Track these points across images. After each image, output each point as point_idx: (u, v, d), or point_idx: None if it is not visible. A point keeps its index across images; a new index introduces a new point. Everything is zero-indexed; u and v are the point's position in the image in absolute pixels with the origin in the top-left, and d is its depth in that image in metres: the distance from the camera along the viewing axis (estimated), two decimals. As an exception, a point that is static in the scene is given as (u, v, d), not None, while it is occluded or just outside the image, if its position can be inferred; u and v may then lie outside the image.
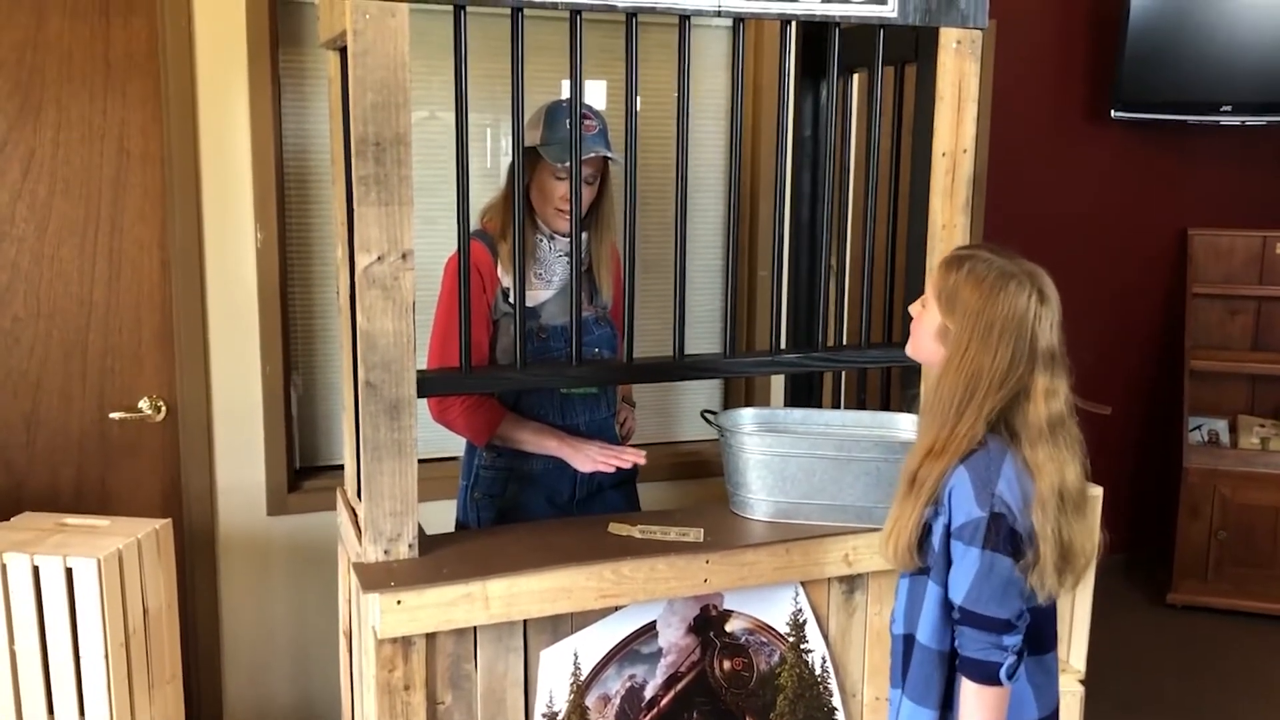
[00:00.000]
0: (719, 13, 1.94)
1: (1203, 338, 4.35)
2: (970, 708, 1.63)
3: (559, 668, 1.94)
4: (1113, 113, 4.06)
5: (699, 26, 3.14)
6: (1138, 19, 3.95)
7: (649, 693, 2.02)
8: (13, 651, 2.19)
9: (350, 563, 1.96)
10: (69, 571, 2.16)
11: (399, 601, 1.75)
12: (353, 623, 2.08)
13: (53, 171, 2.64)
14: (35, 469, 2.73)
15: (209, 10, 2.65)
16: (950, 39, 2.10)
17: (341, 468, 2.70)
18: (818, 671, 2.11)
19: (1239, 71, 3.99)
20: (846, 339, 2.52)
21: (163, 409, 2.79)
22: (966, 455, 1.62)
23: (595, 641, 1.96)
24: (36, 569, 2.16)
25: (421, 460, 1.89)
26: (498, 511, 2.37)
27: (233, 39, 2.68)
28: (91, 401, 2.75)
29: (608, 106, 3.09)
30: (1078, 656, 2.38)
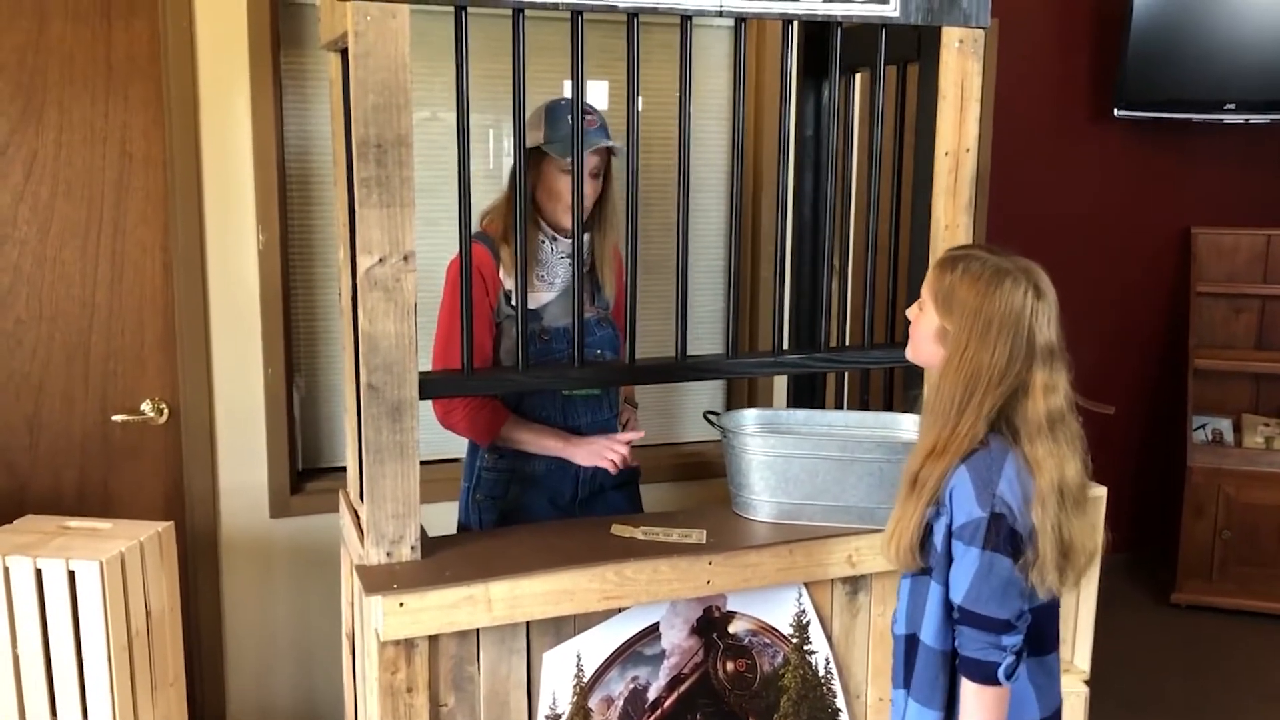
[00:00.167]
0: (721, 13, 1.94)
1: (1206, 336, 4.34)
2: (970, 708, 1.63)
3: (562, 669, 1.94)
4: (1116, 111, 4.05)
5: (700, 26, 3.14)
6: (1141, 17, 3.94)
7: (652, 694, 2.02)
8: (15, 654, 2.19)
9: (353, 565, 1.96)
10: (71, 574, 2.16)
11: (401, 604, 1.74)
12: (355, 625, 2.07)
13: (55, 174, 2.64)
14: (38, 472, 2.73)
15: (210, 13, 2.66)
16: (952, 38, 2.10)
17: (344, 469, 2.69)
18: (821, 673, 2.11)
19: (1242, 69, 3.98)
20: (849, 339, 2.52)
21: (165, 411, 2.79)
22: (968, 455, 1.62)
23: (598, 643, 1.96)
24: (39, 572, 2.16)
25: (423, 462, 1.89)
26: (500, 513, 2.37)
27: (234, 41, 2.68)
28: (94, 404, 2.75)
29: (609, 107, 3.09)
30: (1082, 657, 2.37)
